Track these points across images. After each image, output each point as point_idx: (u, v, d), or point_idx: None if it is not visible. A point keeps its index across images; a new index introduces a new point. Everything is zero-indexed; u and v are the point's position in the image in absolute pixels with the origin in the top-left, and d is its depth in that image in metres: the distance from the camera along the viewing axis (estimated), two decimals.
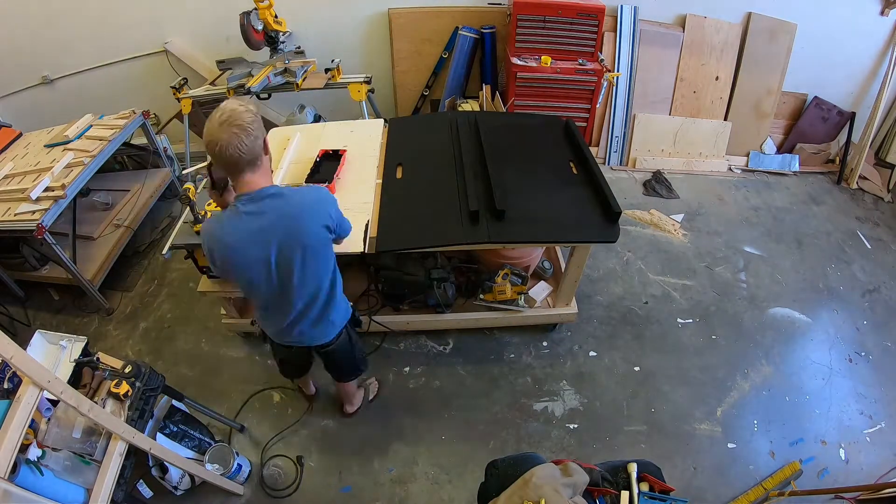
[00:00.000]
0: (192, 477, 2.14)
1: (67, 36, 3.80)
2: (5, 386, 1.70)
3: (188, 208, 2.27)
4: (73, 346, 2.02)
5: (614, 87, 4.01)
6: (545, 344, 2.91)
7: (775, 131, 4.41)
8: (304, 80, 3.47)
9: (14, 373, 1.69)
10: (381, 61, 4.17)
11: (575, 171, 2.56)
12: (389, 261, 2.69)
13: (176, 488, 2.14)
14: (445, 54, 4.09)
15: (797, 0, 3.86)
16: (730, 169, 4.34)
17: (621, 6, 3.89)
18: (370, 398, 2.67)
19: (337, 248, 1.80)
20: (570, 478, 1.42)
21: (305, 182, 2.38)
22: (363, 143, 2.74)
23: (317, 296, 1.75)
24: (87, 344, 2.02)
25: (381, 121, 2.99)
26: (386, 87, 4.28)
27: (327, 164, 2.51)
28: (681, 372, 2.80)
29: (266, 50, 3.54)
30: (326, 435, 2.55)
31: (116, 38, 3.87)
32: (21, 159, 3.15)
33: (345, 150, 2.59)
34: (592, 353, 2.88)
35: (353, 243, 2.15)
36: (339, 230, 1.70)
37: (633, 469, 1.53)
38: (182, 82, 3.62)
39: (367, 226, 2.23)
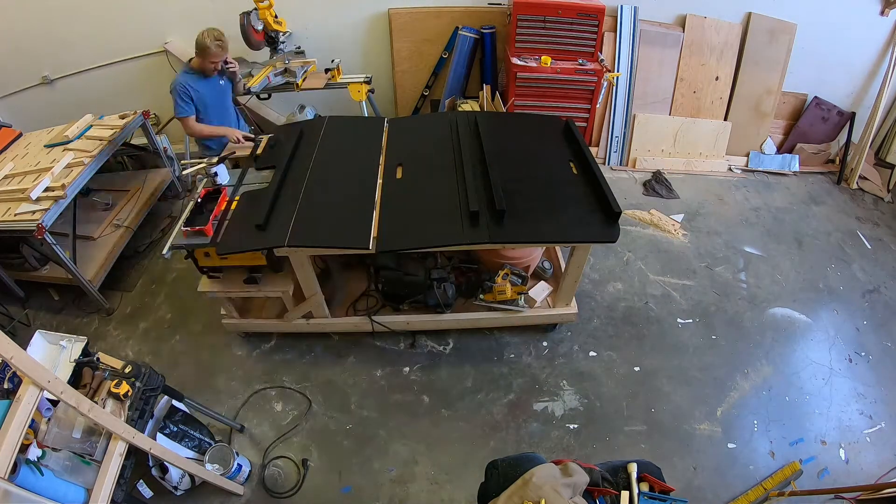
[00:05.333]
0: (192, 477, 2.14)
1: (67, 36, 3.80)
2: (5, 386, 1.70)
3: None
4: (73, 346, 2.02)
5: (614, 87, 4.01)
6: (545, 344, 2.91)
7: (775, 131, 4.41)
8: (304, 80, 3.47)
9: (14, 373, 1.69)
10: (381, 61, 4.17)
11: (575, 171, 2.56)
12: (389, 261, 2.69)
13: (176, 488, 2.14)
14: (445, 54, 4.09)
15: (797, 0, 3.86)
16: (730, 169, 4.34)
17: (621, 6, 3.89)
18: None
19: (337, 249, 1.75)
20: (570, 478, 1.42)
21: (184, 227, 2.35)
22: None
23: None
24: (87, 344, 2.02)
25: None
26: (386, 87, 4.28)
27: (209, 205, 2.46)
28: (681, 372, 2.80)
29: (266, 50, 3.55)
30: (326, 435, 2.55)
31: (116, 38, 3.87)
32: (21, 159, 3.15)
33: (225, 189, 2.56)
34: (592, 353, 2.88)
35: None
36: None
37: (633, 469, 1.53)
38: None
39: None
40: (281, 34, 3.51)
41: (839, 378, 2.80)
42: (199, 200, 2.50)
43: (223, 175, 2.63)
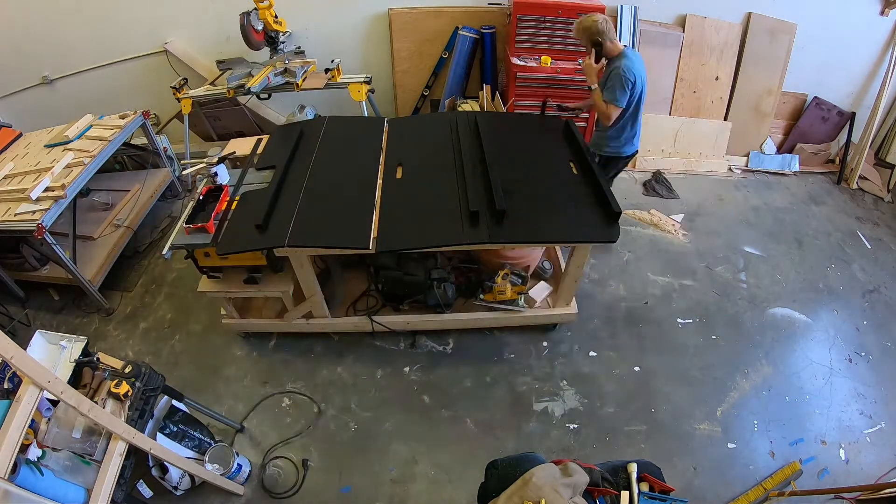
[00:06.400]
0: (192, 477, 2.14)
1: (67, 36, 3.81)
2: (5, 386, 1.70)
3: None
4: (73, 346, 2.02)
5: None
6: (545, 344, 2.91)
7: (775, 131, 4.41)
8: (304, 80, 3.47)
9: (14, 373, 1.69)
10: (381, 61, 4.17)
11: (575, 171, 2.56)
12: (389, 261, 2.69)
13: (176, 488, 2.14)
14: (445, 54, 4.09)
15: (797, 0, 3.86)
16: (730, 169, 4.34)
17: (621, 6, 3.89)
18: None
19: (337, 249, 1.76)
20: (570, 478, 1.42)
21: (186, 224, 2.36)
22: None
23: None
24: (87, 344, 2.02)
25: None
26: (386, 87, 4.28)
27: (211, 203, 2.48)
28: (681, 372, 2.80)
29: (266, 50, 3.55)
30: (327, 435, 2.55)
31: (116, 38, 3.88)
32: (21, 159, 3.15)
33: (227, 187, 2.56)
34: (592, 353, 2.88)
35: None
36: None
37: (633, 469, 1.53)
38: (182, 82, 3.62)
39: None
40: (281, 34, 3.52)
41: (839, 378, 2.80)
42: (200, 198, 2.50)
43: (223, 175, 2.63)
